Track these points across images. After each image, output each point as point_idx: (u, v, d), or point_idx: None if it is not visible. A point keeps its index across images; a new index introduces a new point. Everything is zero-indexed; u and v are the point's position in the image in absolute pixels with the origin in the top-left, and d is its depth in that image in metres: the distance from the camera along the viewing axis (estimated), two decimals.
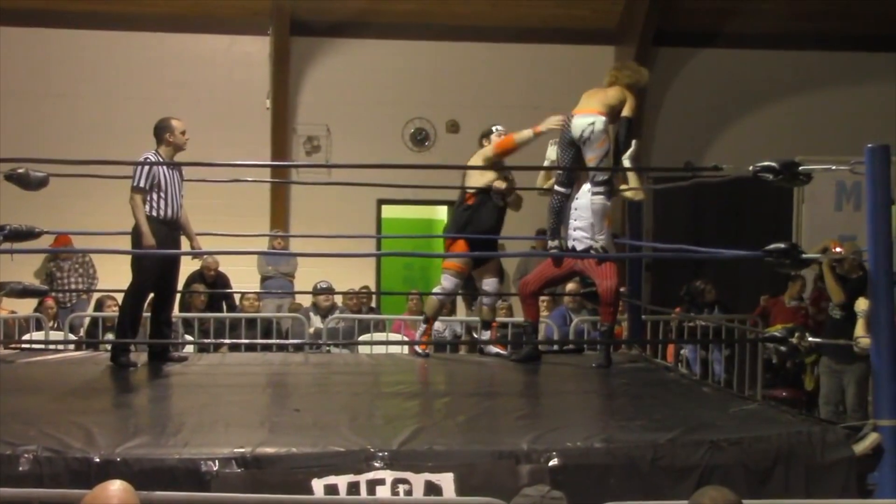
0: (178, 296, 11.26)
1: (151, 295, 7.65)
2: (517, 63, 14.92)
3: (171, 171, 7.30)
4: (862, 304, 6.17)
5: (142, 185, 7.17)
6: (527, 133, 7.86)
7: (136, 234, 7.26)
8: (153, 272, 7.32)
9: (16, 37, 14.09)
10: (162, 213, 7.25)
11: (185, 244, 7.77)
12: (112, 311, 9.88)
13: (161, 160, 7.27)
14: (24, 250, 7.55)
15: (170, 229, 7.34)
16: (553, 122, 7.74)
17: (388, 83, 14.82)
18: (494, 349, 8.16)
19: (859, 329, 7.81)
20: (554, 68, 14.77)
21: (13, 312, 10.57)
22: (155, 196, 7.23)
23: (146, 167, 7.17)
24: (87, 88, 14.25)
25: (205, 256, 11.73)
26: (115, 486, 3.38)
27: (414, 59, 14.81)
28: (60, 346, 8.89)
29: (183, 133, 7.41)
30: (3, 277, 10.27)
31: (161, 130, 7.37)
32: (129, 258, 7.40)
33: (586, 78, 14.93)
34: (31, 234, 7.92)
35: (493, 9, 14.61)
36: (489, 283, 8.21)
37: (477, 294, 8.44)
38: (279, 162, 14.25)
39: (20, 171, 7.14)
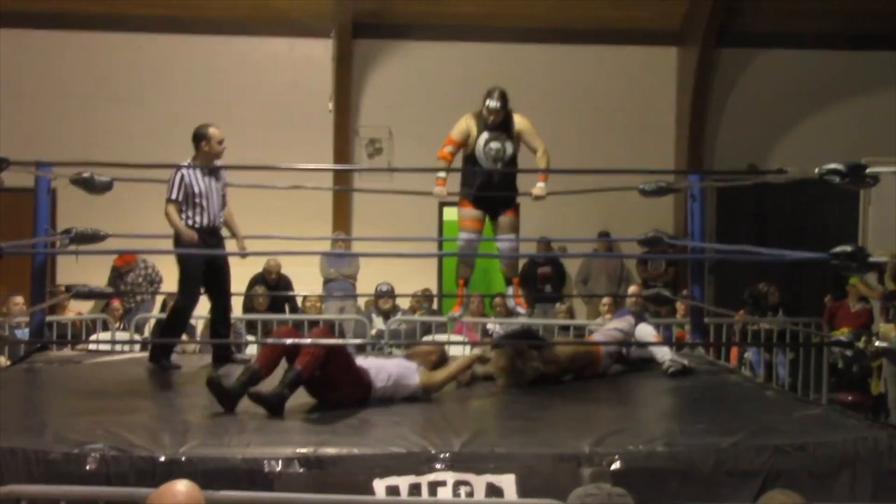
0: (240, 298, 11.46)
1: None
2: (579, 65, 14.84)
3: (207, 179, 7.21)
4: (889, 331, 5.96)
5: (173, 197, 7.13)
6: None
7: (176, 240, 7.26)
8: (196, 276, 7.33)
9: (80, 42, 14.27)
10: (197, 222, 7.19)
11: (232, 245, 7.78)
12: None
13: (196, 168, 7.19)
14: (88, 251, 7.64)
15: (206, 237, 7.26)
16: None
17: (450, 85, 14.77)
18: (518, 308, 8.17)
19: None
20: (616, 70, 14.70)
21: (80, 314, 10.71)
22: (190, 206, 7.18)
23: (178, 178, 7.12)
24: (149, 92, 14.37)
25: (267, 258, 11.83)
26: (181, 486, 3.40)
27: (476, 62, 14.74)
28: (126, 347, 8.98)
29: (220, 142, 7.23)
30: (71, 282, 10.46)
31: (197, 138, 7.23)
32: None
33: (649, 80, 15.03)
34: (95, 237, 8.06)
35: (554, 11, 14.53)
36: (504, 240, 8.01)
37: (536, 297, 8.36)
38: (341, 165, 14.29)
39: (85, 175, 7.23)
